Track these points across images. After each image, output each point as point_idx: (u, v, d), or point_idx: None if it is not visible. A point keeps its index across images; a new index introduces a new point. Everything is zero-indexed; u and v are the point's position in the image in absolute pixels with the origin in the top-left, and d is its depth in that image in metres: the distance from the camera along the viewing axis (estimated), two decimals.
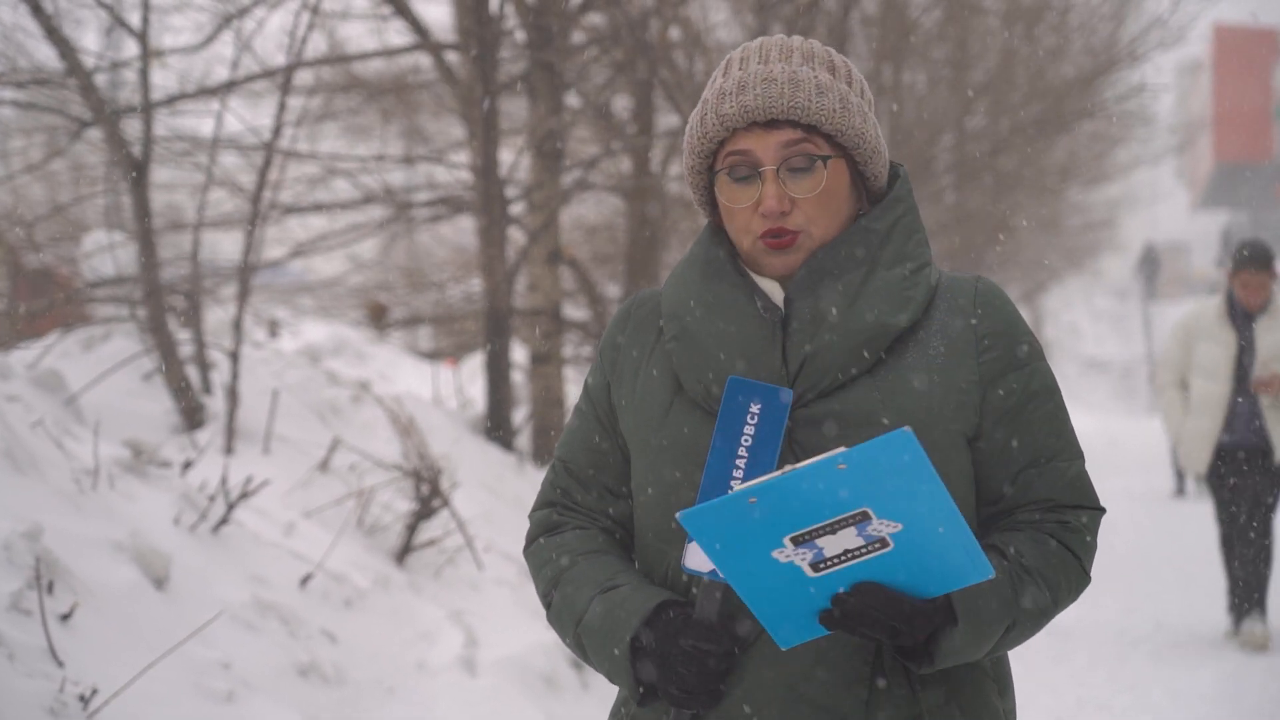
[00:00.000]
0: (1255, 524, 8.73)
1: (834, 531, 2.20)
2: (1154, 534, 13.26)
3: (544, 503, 2.67)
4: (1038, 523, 2.47)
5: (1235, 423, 8.78)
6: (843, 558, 2.22)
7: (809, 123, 2.45)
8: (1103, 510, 2.53)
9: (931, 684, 2.43)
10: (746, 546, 2.21)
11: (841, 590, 2.26)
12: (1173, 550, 12.34)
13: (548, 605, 2.59)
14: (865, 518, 2.18)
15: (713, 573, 2.40)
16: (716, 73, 2.57)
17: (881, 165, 2.54)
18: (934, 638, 2.34)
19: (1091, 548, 2.49)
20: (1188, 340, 8.90)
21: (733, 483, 2.39)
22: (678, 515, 2.21)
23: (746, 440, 2.40)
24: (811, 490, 2.16)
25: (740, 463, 2.39)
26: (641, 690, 2.45)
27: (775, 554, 2.21)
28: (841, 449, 2.15)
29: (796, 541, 2.20)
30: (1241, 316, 8.78)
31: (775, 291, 2.50)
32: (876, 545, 2.21)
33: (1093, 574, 2.52)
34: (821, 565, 2.23)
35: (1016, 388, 2.49)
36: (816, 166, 2.46)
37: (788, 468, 2.17)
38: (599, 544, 2.59)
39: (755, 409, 2.39)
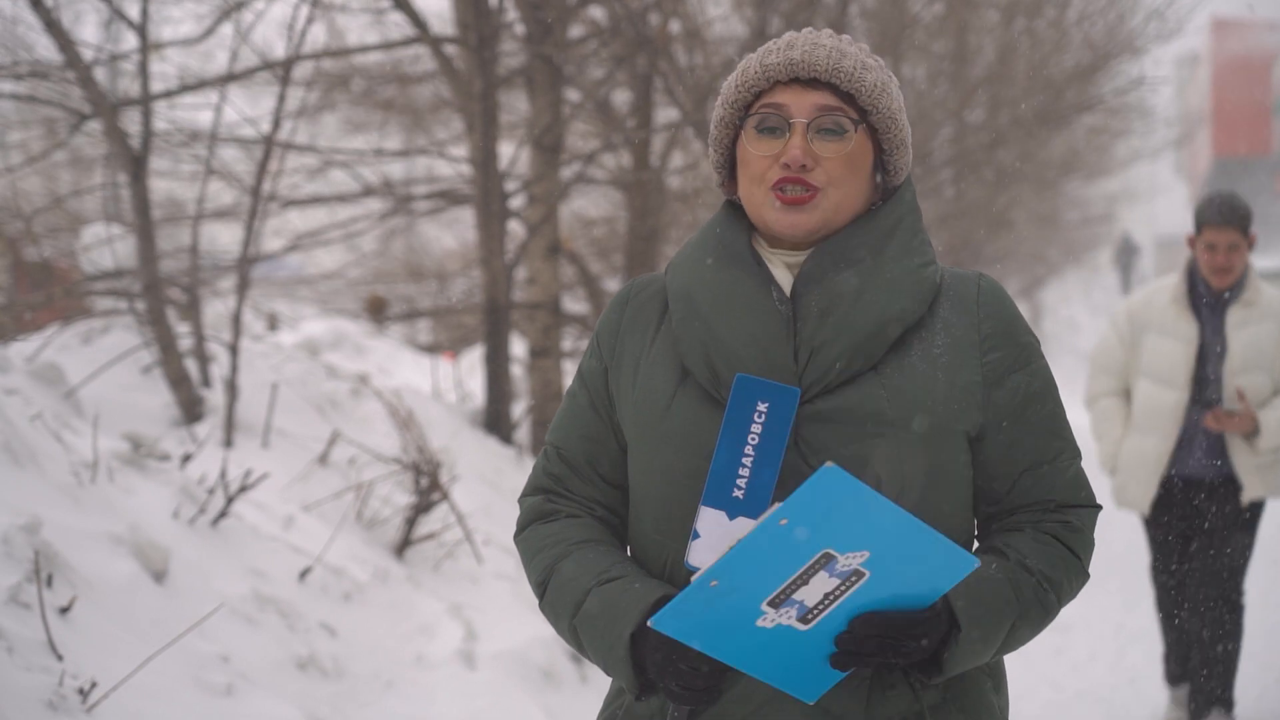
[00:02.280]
0: (1212, 594, 6.53)
1: (806, 582, 2.21)
2: None
3: (535, 489, 2.64)
4: (1038, 522, 2.48)
5: (1192, 447, 6.56)
6: (826, 601, 2.23)
7: (848, 89, 2.47)
8: (1099, 507, 2.54)
9: (930, 683, 2.43)
10: (730, 626, 2.23)
11: (840, 630, 2.27)
12: None
13: (541, 594, 2.56)
14: (830, 559, 2.19)
15: None
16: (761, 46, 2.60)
17: (905, 161, 2.55)
18: (941, 646, 2.34)
19: (1090, 545, 2.51)
20: (1133, 333, 6.64)
21: (739, 480, 2.39)
22: (649, 622, 2.24)
23: (754, 439, 2.38)
24: (766, 552, 2.17)
25: (747, 461, 2.38)
26: (639, 684, 2.43)
27: (760, 623, 2.23)
28: (776, 505, 2.16)
29: (775, 604, 2.22)
30: (1207, 302, 6.51)
31: (789, 282, 2.50)
32: (853, 579, 2.21)
33: (1092, 569, 2.53)
34: (810, 616, 2.24)
35: (1019, 388, 2.49)
36: (846, 133, 2.47)
37: (734, 540, 2.18)
38: (594, 533, 2.56)
39: (763, 407, 2.39)
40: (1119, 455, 6.70)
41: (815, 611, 2.23)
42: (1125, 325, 6.70)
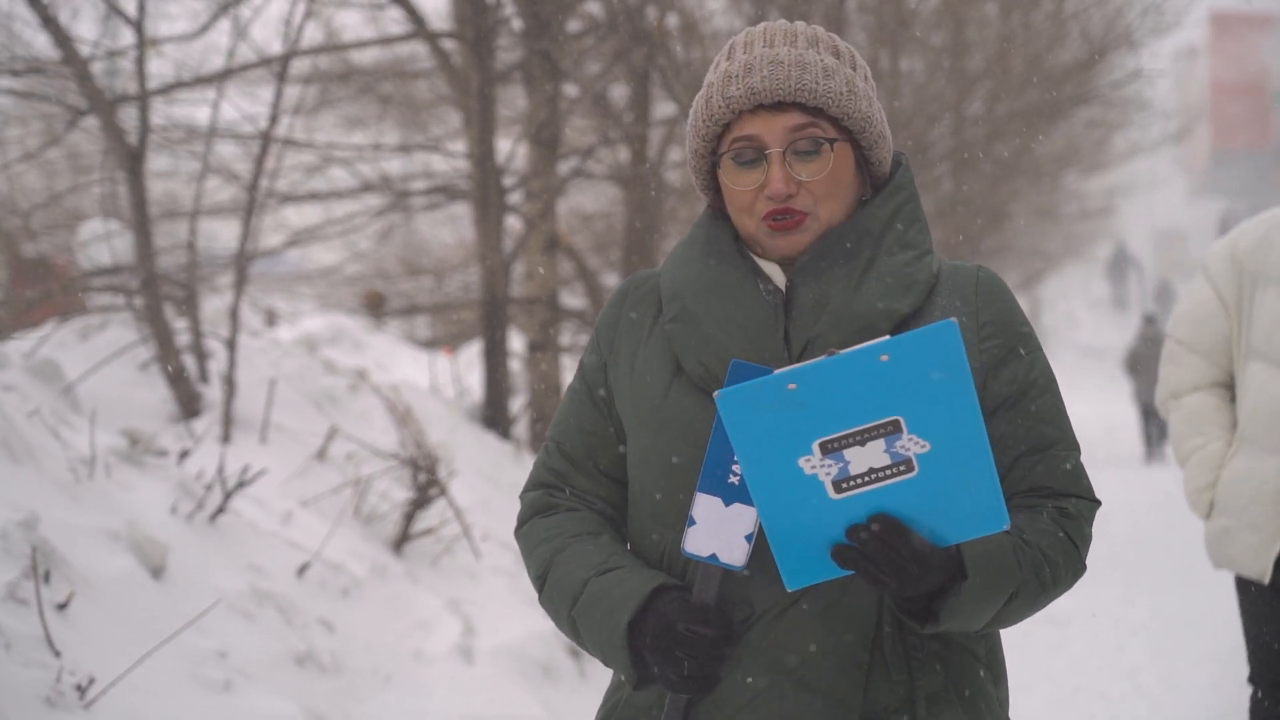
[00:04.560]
0: None
1: (863, 443, 2.15)
2: (1151, 523, 13.26)
3: (536, 484, 2.65)
4: (1035, 506, 2.46)
5: None
6: (866, 478, 2.17)
7: (816, 105, 2.44)
8: (1098, 503, 2.52)
9: (929, 672, 2.42)
10: (776, 445, 2.16)
11: (858, 523, 2.21)
12: (1170, 540, 12.35)
13: (540, 587, 2.57)
14: (896, 429, 2.14)
15: (712, 556, 2.39)
16: (719, 57, 2.56)
17: (886, 151, 2.54)
18: (940, 594, 2.30)
19: (1088, 538, 2.49)
20: (1241, 286, 4.33)
21: (734, 467, 2.38)
22: (715, 395, 2.16)
23: None
24: (849, 383, 2.12)
25: None
26: (637, 674, 2.43)
27: (802, 461, 2.17)
28: (885, 338, 2.12)
29: (825, 449, 2.16)
30: None
31: (777, 274, 2.50)
32: (901, 468, 2.16)
33: (1090, 563, 2.52)
34: (844, 485, 2.18)
35: (1016, 378, 2.49)
36: (823, 150, 2.45)
37: (830, 351, 2.14)
38: (593, 526, 2.57)
39: None
40: (1220, 484, 4.35)
41: (852, 483, 2.18)
42: (1229, 274, 4.36)
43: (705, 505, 2.40)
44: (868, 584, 2.27)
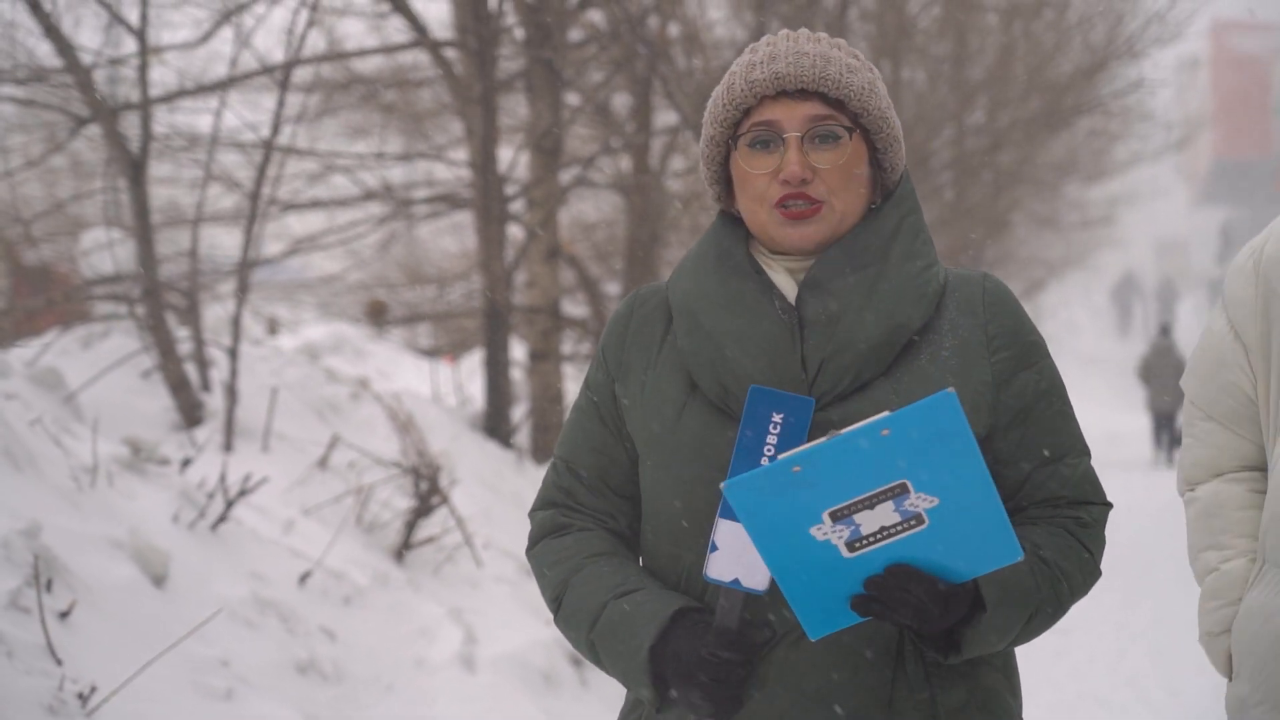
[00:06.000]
0: None
1: (872, 506, 2.19)
2: (1154, 530, 13.24)
3: (546, 503, 2.63)
4: (1051, 518, 2.48)
5: None
6: (878, 535, 2.21)
7: (837, 96, 2.46)
8: (1110, 505, 2.54)
9: (951, 686, 2.43)
10: (786, 521, 2.20)
11: (875, 574, 2.25)
12: (1172, 546, 12.32)
13: (556, 609, 2.55)
14: (903, 490, 2.17)
15: (734, 581, 2.38)
16: (743, 55, 2.57)
17: (899, 157, 2.54)
18: (960, 626, 2.33)
19: (1102, 542, 2.51)
20: (1268, 320, 2.73)
21: None
22: (722, 485, 2.18)
23: (769, 450, 2.37)
24: (854, 457, 2.15)
25: None
26: (659, 698, 2.42)
27: (813, 530, 2.20)
28: (885, 414, 2.14)
29: (835, 517, 2.19)
30: None
31: (790, 288, 2.49)
32: (912, 523, 2.20)
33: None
34: (857, 544, 2.21)
35: (1027, 387, 2.49)
36: (841, 140, 2.46)
37: (831, 433, 2.16)
38: (607, 546, 2.55)
39: (778, 418, 2.38)
40: (1234, 628, 2.86)
41: (865, 542, 2.21)
42: (1250, 300, 2.82)
43: (727, 531, 2.39)
44: (891, 625, 2.32)
